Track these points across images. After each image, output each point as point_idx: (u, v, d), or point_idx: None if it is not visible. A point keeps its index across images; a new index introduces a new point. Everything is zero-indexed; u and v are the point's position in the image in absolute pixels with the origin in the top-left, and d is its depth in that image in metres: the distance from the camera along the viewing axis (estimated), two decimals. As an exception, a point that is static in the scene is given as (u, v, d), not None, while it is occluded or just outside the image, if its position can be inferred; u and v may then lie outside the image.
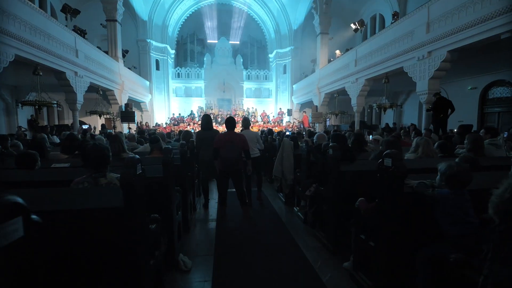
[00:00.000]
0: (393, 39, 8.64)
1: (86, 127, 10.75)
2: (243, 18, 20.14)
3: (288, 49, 19.54)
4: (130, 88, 13.84)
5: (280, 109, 19.51)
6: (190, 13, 19.48)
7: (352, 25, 14.08)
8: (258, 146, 4.63)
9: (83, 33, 10.42)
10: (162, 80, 19.03)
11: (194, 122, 16.91)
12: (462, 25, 5.99)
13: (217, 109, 19.28)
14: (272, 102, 21.38)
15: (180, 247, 2.90)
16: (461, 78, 10.44)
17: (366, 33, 16.31)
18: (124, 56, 13.96)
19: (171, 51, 19.82)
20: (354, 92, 11.41)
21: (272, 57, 21.09)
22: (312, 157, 3.77)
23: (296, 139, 4.86)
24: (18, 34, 6.25)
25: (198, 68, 20.63)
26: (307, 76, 17.63)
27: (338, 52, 14.08)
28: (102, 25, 12.93)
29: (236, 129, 4.17)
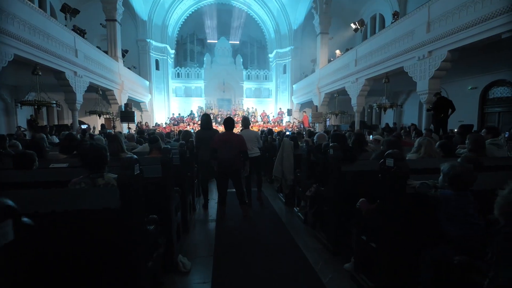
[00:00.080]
0: (393, 39, 8.62)
1: (84, 127, 10.71)
2: (243, 18, 20.11)
3: (288, 49, 19.51)
4: (129, 88, 13.81)
5: (280, 109, 19.49)
6: (190, 13, 19.45)
7: (352, 25, 14.06)
8: (258, 145, 4.61)
9: (83, 32, 10.39)
10: (162, 80, 19.00)
11: (194, 122, 16.89)
12: (462, 24, 5.97)
13: (217, 109, 19.25)
14: (272, 102, 21.36)
15: (179, 248, 2.87)
16: (461, 78, 10.42)
17: (366, 33, 16.30)
18: (123, 56, 13.93)
19: (171, 51, 19.79)
20: (354, 92, 11.39)
21: (272, 57, 21.07)
22: (312, 157, 3.74)
23: (296, 139, 4.84)
24: (17, 33, 6.22)
25: (198, 68, 20.61)
26: (307, 76, 17.61)
27: (338, 52, 14.05)
28: (101, 25, 12.90)
29: (235, 129, 4.15)
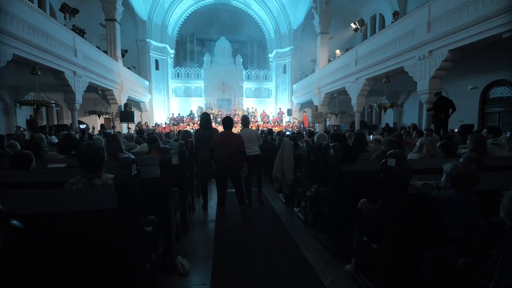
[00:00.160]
0: (393, 39, 8.59)
1: (83, 127, 10.67)
2: (243, 18, 20.09)
3: (288, 48, 19.49)
4: (129, 88, 13.78)
5: (280, 109, 19.46)
6: (190, 12, 19.42)
7: (352, 24, 14.03)
8: (258, 143, 4.59)
9: (82, 32, 10.37)
10: (161, 80, 18.97)
11: (194, 122, 16.86)
12: (463, 24, 5.95)
13: (216, 109, 19.23)
14: (272, 102, 21.33)
15: (178, 249, 2.84)
16: (461, 78, 10.40)
17: (366, 32, 16.28)
18: (123, 55, 13.90)
19: (171, 51, 19.76)
20: (354, 92, 11.36)
21: (272, 57, 21.04)
22: (312, 157, 3.72)
23: (296, 139, 4.81)
24: (17, 33, 6.20)
25: (197, 68, 20.58)
26: (307, 76, 17.60)
27: (338, 51, 14.03)
28: (101, 24, 12.87)
29: (235, 128, 4.13)
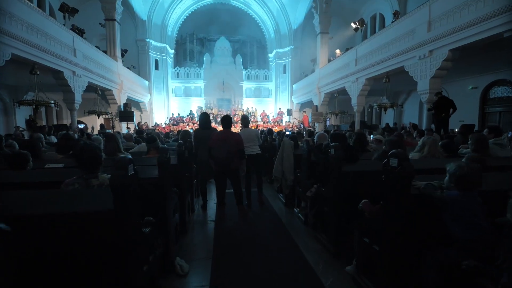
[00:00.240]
0: (393, 38, 8.56)
1: (82, 127, 10.64)
2: (243, 18, 20.06)
3: (288, 48, 19.46)
4: (129, 87, 13.75)
5: (279, 109, 19.43)
6: (190, 12, 19.39)
7: (352, 24, 13.99)
8: (258, 143, 4.56)
9: (82, 32, 10.33)
10: (161, 80, 18.93)
11: (194, 122, 16.83)
12: (463, 23, 5.92)
13: (216, 109, 19.18)
14: (271, 102, 21.30)
15: (177, 250, 2.82)
16: (461, 77, 10.37)
17: (366, 32, 16.25)
18: (123, 55, 13.86)
19: (171, 51, 19.73)
20: (354, 91, 11.33)
21: (271, 56, 21.01)
22: (312, 157, 3.69)
23: (296, 139, 4.78)
24: (16, 33, 6.17)
25: (197, 67, 20.55)
26: (307, 75, 17.57)
27: (338, 51, 14.00)
28: (100, 24, 12.84)
29: (235, 128, 4.11)
